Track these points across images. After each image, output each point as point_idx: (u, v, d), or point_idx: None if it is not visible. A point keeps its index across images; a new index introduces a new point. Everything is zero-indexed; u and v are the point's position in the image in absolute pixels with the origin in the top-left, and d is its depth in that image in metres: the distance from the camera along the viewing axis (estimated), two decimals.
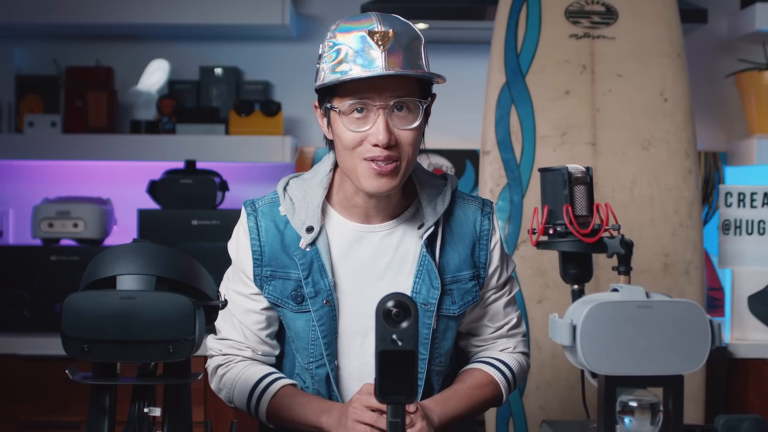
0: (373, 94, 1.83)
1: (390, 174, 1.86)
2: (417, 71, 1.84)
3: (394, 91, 1.84)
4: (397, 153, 1.85)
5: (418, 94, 1.87)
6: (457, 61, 3.58)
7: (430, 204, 1.97)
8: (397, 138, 1.85)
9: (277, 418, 1.97)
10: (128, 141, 3.42)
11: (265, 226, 1.97)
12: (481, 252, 2.00)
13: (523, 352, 2.09)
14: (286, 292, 1.95)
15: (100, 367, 1.53)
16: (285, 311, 1.97)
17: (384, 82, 1.83)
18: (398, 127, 1.85)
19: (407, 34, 1.86)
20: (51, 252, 3.22)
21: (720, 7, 3.61)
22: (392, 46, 1.82)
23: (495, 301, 2.05)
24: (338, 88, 1.85)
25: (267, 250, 1.96)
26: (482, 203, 2.04)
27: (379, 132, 1.82)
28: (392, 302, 1.48)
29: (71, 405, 3.03)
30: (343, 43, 1.83)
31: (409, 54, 1.84)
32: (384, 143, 1.83)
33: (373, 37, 1.82)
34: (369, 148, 1.84)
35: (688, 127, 2.96)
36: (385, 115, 1.83)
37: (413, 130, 1.86)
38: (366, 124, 1.84)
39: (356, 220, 1.97)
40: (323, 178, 1.97)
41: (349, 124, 1.85)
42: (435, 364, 1.98)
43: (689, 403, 2.78)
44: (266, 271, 1.96)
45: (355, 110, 1.84)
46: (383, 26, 1.83)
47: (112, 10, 3.35)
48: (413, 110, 1.86)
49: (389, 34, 1.83)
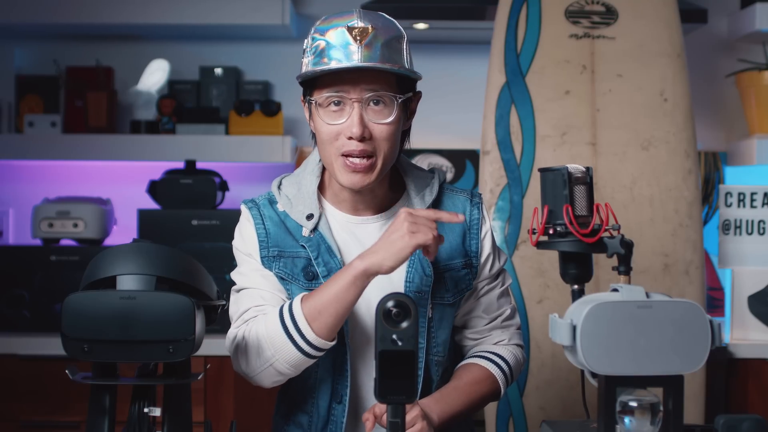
0: (348, 87, 1.86)
1: (365, 170, 1.88)
2: (392, 65, 1.86)
3: (369, 85, 1.86)
4: (372, 147, 1.87)
5: (395, 89, 1.89)
6: (457, 61, 3.58)
7: (418, 194, 2.00)
8: (372, 132, 1.87)
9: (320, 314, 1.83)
10: (128, 141, 3.42)
11: (268, 215, 1.99)
12: (471, 241, 2.02)
13: (518, 344, 2.09)
14: (296, 269, 1.95)
15: (100, 367, 1.53)
16: (294, 287, 1.95)
17: (360, 76, 1.86)
18: (373, 121, 1.87)
19: (388, 31, 1.89)
20: (51, 252, 3.22)
21: (720, 7, 3.61)
22: (370, 41, 1.85)
23: (488, 292, 2.06)
24: (317, 81, 1.89)
25: (272, 233, 1.97)
26: (471, 194, 2.06)
27: (353, 125, 1.85)
28: (392, 302, 1.49)
29: (71, 405, 3.04)
30: (323, 37, 1.87)
31: (388, 50, 1.87)
32: (357, 136, 1.85)
33: (352, 32, 1.85)
34: (345, 142, 1.87)
35: (688, 127, 2.96)
36: (360, 108, 1.86)
37: (388, 124, 1.88)
38: (341, 117, 1.87)
39: (347, 212, 1.99)
40: (314, 167, 2.00)
41: (326, 117, 1.88)
42: (433, 353, 1.98)
43: (689, 403, 2.78)
44: (273, 251, 1.96)
45: (332, 103, 1.87)
46: (363, 22, 1.86)
47: (112, 10, 3.35)
48: (389, 105, 1.88)
49: (368, 30, 1.86)
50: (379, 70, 1.86)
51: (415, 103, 1.98)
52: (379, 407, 1.85)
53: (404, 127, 1.97)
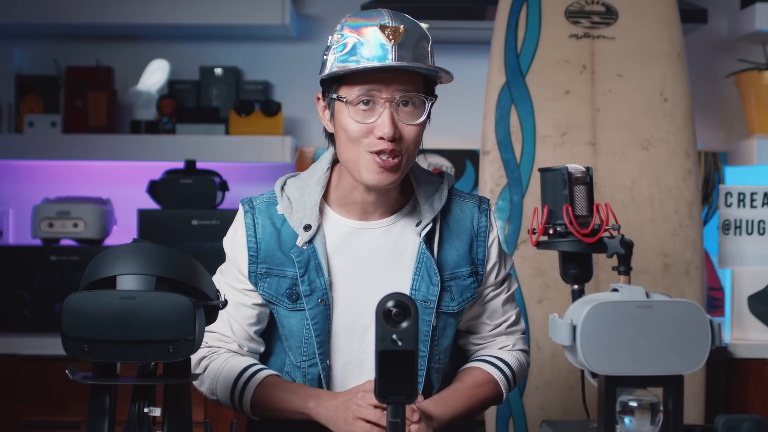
0: (381, 86, 1.85)
1: (392, 168, 1.87)
2: (427, 65, 1.87)
3: (401, 85, 1.86)
4: (400, 147, 1.87)
5: (423, 91, 1.89)
6: (457, 61, 3.57)
7: (427, 201, 1.98)
8: (401, 133, 1.86)
9: (262, 407, 1.96)
10: (128, 141, 3.42)
11: (262, 224, 1.97)
12: (478, 248, 2.01)
13: (522, 349, 2.09)
14: (281, 290, 1.95)
15: (100, 367, 1.52)
16: (279, 309, 1.97)
17: (392, 76, 1.85)
18: (403, 122, 1.87)
19: (416, 32, 1.89)
20: (51, 252, 3.22)
21: (720, 7, 3.61)
22: (403, 41, 1.85)
23: (493, 299, 2.05)
24: (346, 78, 1.87)
25: (263, 247, 1.96)
26: (479, 201, 2.05)
27: (385, 125, 1.84)
28: (392, 302, 1.48)
29: (71, 405, 3.03)
30: (353, 35, 1.86)
31: (418, 51, 1.87)
32: (389, 136, 1.84)
33: (385, 31, 1.84)
34: (374, 141, 1.86)
35: (688, 127, 2.96)
36: (392, 108, 1.85)
37: (417, 125, 1.88)
38: (372, 116, 1.86)
39: (354, 217, 1.97)
40: (321, 177, 1.98)
41: (355, 115, 1.86)
42: (434, 361, 1.98)
43: (689, 403, 2.78)
44: (261, 268, 1.97)
45: (362, 102, 1.86)
46: (394, 22, 1.86)
47: (112, 10, 3.35)
48: (418, 106, 1.88)
49: (400, 30, 1.85)
50: (411, 71, 1.86)
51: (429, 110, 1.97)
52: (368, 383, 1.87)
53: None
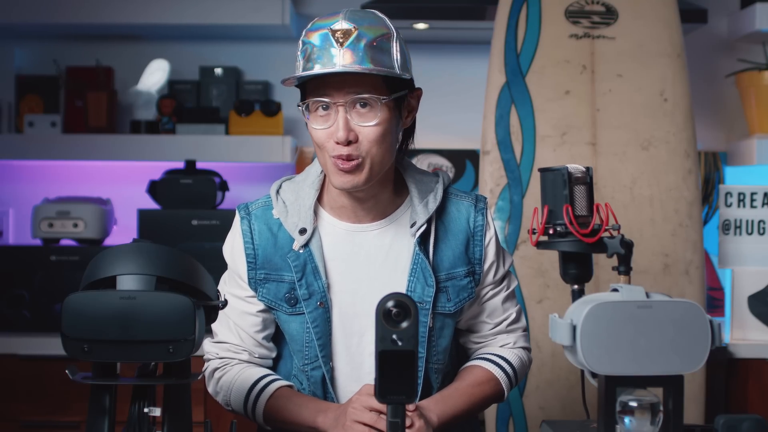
0: (332, 90, 1.85)
1: (352, 170, 1.87)
2: (374, 67, 1.84)
3: (353, 87, 1.85)
4: (359, 150, 1.86)
5: (382, 90, 1.87)
6: (457, 61, 3.58)
7: (421, 202, 1.97)
8: (359, 135, 1.86)
9: (274, 419, 1.97)
10: (128, 141, 3.42)
11: (259, 229, 1.98)
12: (475, 248, 2.01)
13: (523, 347, 2.09)
14: (279, 295, 1.96)
15: (100, 367, 1.52)
16: (279, 314, 1.98)
17: (343, 79, 1.85)
18: (359, 124, 1.86)
19: (374, 30, 1.86)
20: (51, 252, 3.22)
21: (720, 7, 3.61)
22: (352, 44, 1.83)
23: (493, 297, 2.05)
24: (306, 86, 1.89)
25: (260, 253, 1.97)
26: (475, 199, 2.04)
27: (338, 129, 1.85)
28: (392, 302, 1.48)
29: (71, 405, 3.03)
30: (310, 41, 1.87)
31: (371, 51, 1.84)
32: (342, 140, 1.84)
33: (335, 35, 1.84)
34: (333, 146, 1.87)
35: (688, 127, 2.96)
36: (345, 111, 1.85)
37: (374, 126, 1.86)
38: (328, 122, 1.87)
39: (347, 221, 1.98)
40: (314, 180, 1.99)
41: (315, 122, 1.88)
42: (433, 362, 1.98)
43: (689, 403, 2.78)
44: (260, 274, 1.97)
45: (320, 107, 1.87)
46: (347, 23, 1.85)
47: (112, 10, 3.35)
48: (374, 107, 1.86)
49: (351, 31, 1.84)
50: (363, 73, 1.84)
51: (416, 101, 1.96)
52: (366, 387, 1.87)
53: (403, 126, 1.95)
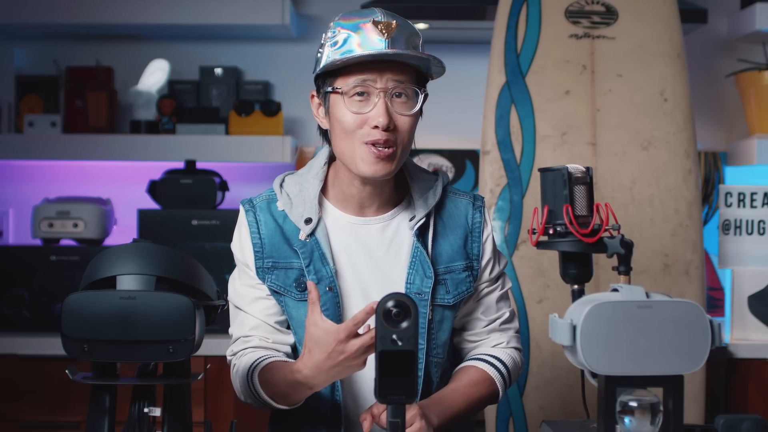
0: (375, 75, 1.89)
1: (387, 159, 1.90)
2: (421, 54, 1.90)
3: (395, 75, 1.89)
4: (395, 138, 1.90)
5: (416, 83, 1.93)
6: (457, 61, 3.58)
7: (421, 197, 2.01)
8: (396, 123, 1.90)
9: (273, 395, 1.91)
10: (128, 141, 3.42)
11: (264, 220, 2.00)
12: (473, 244, 2.03)
13: (516, 347, 2.10)
14: (288, 281, 1.97)
15: (100, 367, 1.53)
16: (287, 300, 1.97)
17: (385, 67, 1.89)
18: (397, 112, 1.90)
19: (408, 29, 1.94)
20: (51, 252, 3.22)
21: (720, 7, 3.61)
22: (395, 36, 1.89)
23: (488, 294, 2.07)
24: (341, 71, 1.91)
25: (267, 242, 1.98)
26: (473, 197, 2.08)
27: (380, 114, 1.88)
28: (392, 302, 1.49)
29: (71, 405, 3.04)
30: (346, 31, 1.90)
31: (410, 45, 1.91)
32: (384, 125, 1.88)
33: (378, 26, 1.89)
34: (369, 132, 1.89)
35: (688, 127, 2.96)
36: (386, 98, 1.89)
37: (411, 116, 1.92)
38: (367, 107, 1.89)
39: (351, 213, 2.00)
40: (318, 171, 2.01)
41: (351, 106, 1.90)
42: (433, 355, 1.99)
43: (689, 403, 2.78)
44: (267, 263, 1.98)
45: (357, 93, 1.89)
46: (387, 18, 1.91)
47: (112, 10, 3.35)
48: (411, 97, 1.92)
49: (392, 25, 1.90)
50: (404, 63, 1.90)
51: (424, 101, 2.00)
52: (377, 407, 1.85)
53: None
